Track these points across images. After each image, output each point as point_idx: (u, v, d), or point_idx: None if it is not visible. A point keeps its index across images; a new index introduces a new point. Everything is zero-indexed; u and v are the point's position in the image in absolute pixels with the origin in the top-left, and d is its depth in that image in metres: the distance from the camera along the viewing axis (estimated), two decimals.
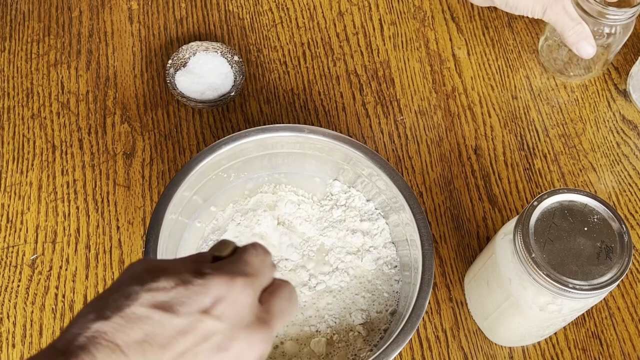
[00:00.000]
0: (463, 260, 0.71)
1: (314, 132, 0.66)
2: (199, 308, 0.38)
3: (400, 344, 0.57)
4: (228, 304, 0.38)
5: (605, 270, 0.54)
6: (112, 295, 0.38)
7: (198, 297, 0.38)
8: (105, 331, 0.36)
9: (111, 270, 0.69)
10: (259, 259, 0.42)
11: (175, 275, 0.39)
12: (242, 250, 0.42)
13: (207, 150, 0.64)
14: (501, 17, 0.86)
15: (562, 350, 0.67)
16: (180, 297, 0.38)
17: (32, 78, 0.79)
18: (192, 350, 0.37)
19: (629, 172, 0.76)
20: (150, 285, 0.38)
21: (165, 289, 0.38)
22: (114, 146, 0.75)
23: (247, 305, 0.39)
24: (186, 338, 0.37)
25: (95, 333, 0.36)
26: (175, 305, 0.37)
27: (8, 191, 0.72)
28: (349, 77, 0.81)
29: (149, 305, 0.37)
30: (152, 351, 0.36)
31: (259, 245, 0.43)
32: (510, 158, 0.77)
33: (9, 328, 0.66)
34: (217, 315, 0.38)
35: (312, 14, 0.85)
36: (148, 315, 0.37)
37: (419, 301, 0.58)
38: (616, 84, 0.82)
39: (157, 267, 0.40)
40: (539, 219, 0.55)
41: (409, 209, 0.63)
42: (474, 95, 0.80)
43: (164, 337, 0.37)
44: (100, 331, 0.36)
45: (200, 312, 0.38)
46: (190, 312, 0.37)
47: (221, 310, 0.38)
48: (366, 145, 0.66)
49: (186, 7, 0.85)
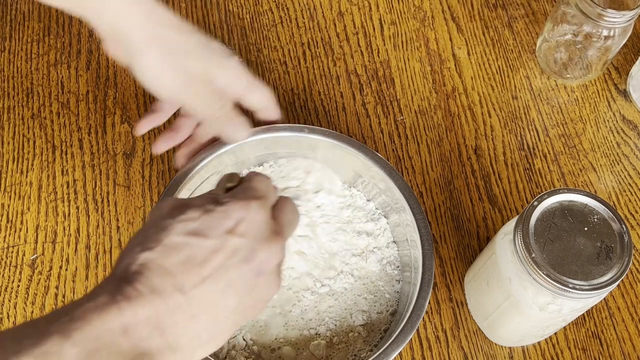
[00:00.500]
0: (463, 260, 0.71)
1: (313, 132, 0.66)
2: (225, 230, 0.45)
3: (400, 344, 0.57)
4: (247, 223, 0.45)
5: (605, 270, 0.54)
6: (149, 230, 0.45)
7: (222, 221, 0.45)
8: (152, 258, 0.42)
9: (111, 270, 0.69)
10: (264, 184, 0.49)
11: (199, 206, 0.46)
12: (248, 179, 0.49)
13: (207, 150, 0.64)
14: (501, 17, 0.86)
15: (562, 350, 0.67)
16: (208, 223, 0.45)
17: (32, 78, 0.79)
18: (224, 263, 0.44)
19: (629, 172, 0.76)
20: (180, 217, 0.45)
21: (194, 219, 0.45)
22: (114, 146, 0.75)
23: (263, 222, 0.47)
24: (218, 254, 0.44)
25: (144, 261, 0.42)
26: (204, 230, 0.44)
27: (8, 191, 0.72)
28: (349, 77, 0.81)
29: (183, 233, 0.44)
30: (193, 269, 0.43)
31: (260, 173, 0.51)
32: (511, 158, 0.77)
33: None
34: (240, 234, 0.45)
35: (312, 14, 0.85)
36: (185, 241, 0.44)
37: (419, 301, 0.58)
38: (616, 84, 0.82)
39: (182, 203, 0.46)
40: (539, 219, 0.55)
41: (409, 209, 0.63)
42: (474, 95, 0.80)
43: (201, 256, 0.43)
44: (148, 259, 0.42)
45: (226, 233, 0.45)
46: (218, 234, 0.44)
47: (243, 229, 0.45)
48: (366, 145, 0.66)
49: (186, 7, 0.85)
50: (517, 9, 0.87)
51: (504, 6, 0.87)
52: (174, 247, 0.43)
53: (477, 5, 0.86)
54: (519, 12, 0.86)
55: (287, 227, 0.49)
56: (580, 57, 0.79)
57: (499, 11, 0.86)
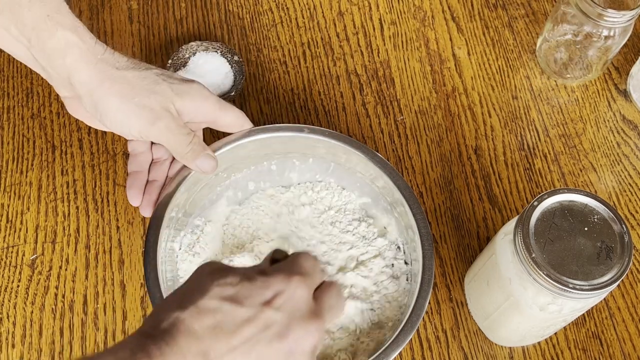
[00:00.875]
0: (463, 260, 0.71)
1: (313, 132, 0.66)
2: (261, 300, 0.44)
3: (400, 344, 0.57)
4: (286, 297, 0.44)
5: (605, 270, 0.54)
6: (188, 289, 0.44)
7: (260, 290, 0.44)
8: (183, 319, 0.42)
9: (111, 270, 0.69)
10: (310, 263, 0.48)
11: (241, 273, 0.45)
12: (296, 255, 0.48)
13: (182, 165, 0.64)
14: (501, 17, 0.86)
15: (562, 350, 0.67)
16: (245, 291, 0.44)
17: (32, 78, 0.79)
18: (256, 336, 0.43)
19: (629, 172, 0.76)
20: (219, 281, 0.44)
21: (233, 284, 0.44)
22: (114, 146, 0.75)
23: (303, 299, 0.45)
24: (250, 326, 0.43)
25: (175, 320, 0.42)
26: (241, 297, 0.43)
27: (8, 191, 0.72)
28: (349, 77, 0.81)
29: (219, 297, 0.43)
30: (222, 336, 0.42)
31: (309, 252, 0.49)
32: (511, 158, 0.77)
33: (9, 328, 0.66)
34: (276, 307, 0.44)
35: (312, 13, 0.85)
36: (219, 306, 0.43)
37: (419, 301, 0.58)
38: (616, 83, 0.82)
39: (226, 267, 0.46)
40: (539, 219, 0.55)
41: (409, 210, 0.62)
42: (474, 95, 0.80)
43: (232, 324, 0.42)
44: (179, 318, 0.42)
45: (263, 304, 0.43)
46: (254, 304, 0.43)
47: (280, 303, 0.44)
48: (366, 145, 0.66)
49: (186, 7, 0.85)
50: (517, 9, 0.87)
51: (504, 6, 0.87)
52: (207, 310, 0.42)
53: (477, 5, 0.86)
54: (519, 12, 0.86)
55: (328, 311, 0.47)
56: (580, 57, 0.79)
57: (499, 11, 0.86)
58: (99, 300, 0.67)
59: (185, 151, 0.60)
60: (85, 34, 0.58)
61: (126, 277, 0.69)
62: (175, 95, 0.60)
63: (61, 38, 0.57)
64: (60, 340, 0.66)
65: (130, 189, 0.63)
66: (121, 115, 0.58)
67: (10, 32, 0.56)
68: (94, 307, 0.67)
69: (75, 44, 0.57)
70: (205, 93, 0.62)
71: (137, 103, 0.58)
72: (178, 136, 0.60)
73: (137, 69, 0.60)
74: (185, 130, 0.60)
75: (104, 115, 0.59)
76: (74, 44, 0.57)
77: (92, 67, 0.58)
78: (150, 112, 0.58)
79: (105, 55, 0.59)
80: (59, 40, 0.56)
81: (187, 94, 0.60)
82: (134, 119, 0.58)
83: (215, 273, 0.45)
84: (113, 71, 0.58)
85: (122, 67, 0.59)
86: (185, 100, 0.60)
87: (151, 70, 0.60)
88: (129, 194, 0.63)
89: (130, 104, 0.58)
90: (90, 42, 0.58)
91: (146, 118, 0.58)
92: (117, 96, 0.58)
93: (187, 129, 0.61)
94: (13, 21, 0.56)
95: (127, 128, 0.59)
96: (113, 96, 0.58)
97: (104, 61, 0.58)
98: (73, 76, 0.58)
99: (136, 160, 0.64)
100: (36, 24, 0.56)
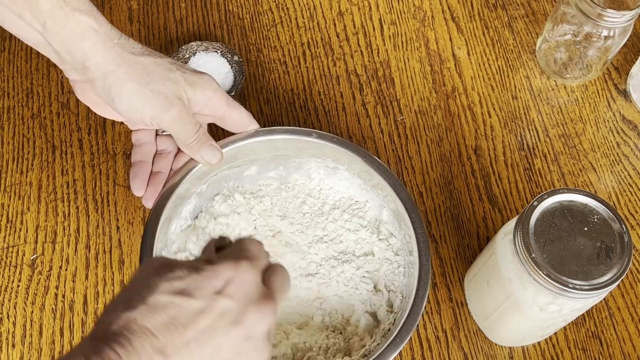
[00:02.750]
0: (463, 260, 0.71)
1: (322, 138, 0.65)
2: (213, 290, 0.43)
3: (400, 343, 0.57)
4: (237, 284, 0.44)
5: (605, 270, 0.54)
6: (134, 288, 0.43)
7: (210, 280, 0.43)
8: (134, 318, 0.40)
9: (111, 270, 0.69)
10: (255, 246, 0.47)
11: (188, 265, 0.44)
12: (240, 241, 0.48)
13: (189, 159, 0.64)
14: (501, 17, 0.86)
15: (562, 350, 0.67)
16: (195, 282, 0.43)
17: (32, 78, 0.79)
18: (211, 326, 0.42)
19: (629, 172, 0.76)
20: (167, 275, 0.43)
21: (181, 277, 0.43)
22: (114, 146, 0.75)
23: (253, 284, 0.45)
24: (205, 316, 0.42)
25: (126, 321, 0.40)
26: (191, 289, 0.42)
27: (8, 191, 0.72)
28: (349, 77, 0.81)
29: (169, 292, 0.42)
30: (177, 330, 0.41)
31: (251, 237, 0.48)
32: (510, 158, 0.77)
33: (9, 328, 0.66)
34: (229, 295, 0.43)
35: (312, 13, 0.85)
36: (170, 301, 0.42)
37: (416, 302, 0.58)
38: (616, 84, 0.82)
39: (170, 262, 0.45)
40: (539, 219, 0.55)
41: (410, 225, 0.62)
42: (474, 95, 0.80)
43: (186, 317, 0.41)
44: (130, 319, 0.40)
45: (214, 293, 0.43)
46: (206, 294, 0.42)
47: (232, 290, 0.43)
48: (365, 149, 0.66)
49: (186, 7, 0.85)
50: (517, 9, 0.87)
51: (504, 6, 0.87)
52: (158, 306, 0.41)
53: (477, 5, 0.86)
54: (519, 12, 0.86)
55: (278, 292, 0.47)
56: (580, 57, 0.79)
57: (499, 11, 0.86)
58: (99, 300, 0.67)
59: (191, 140, 0.61)
60: (101, 18, 0.59)
61: (126, 277, 0.69)
62: (187, 84, 0.60)
63: (78, 22, 0.57)
64: (60, 340, 0.66)
65: (135, 179, 0.63)
66: (136, 100, 0.59)
67: (24, 18, 0.57)
68: (94, 307, 0.67)
69: (92, 27, 0.58)
70: (214, 86, 0.62)
71: (152, 89, 0.59)
72: (187, 125, 0.60)
73: (152, 55, 0.60)
74: (193, 119, 0.61)
75: (117, 100, 0.59)
76: (91, 28, 0.57)
77: (109, 51, 0.58)
78: (165, 99, 0.59)
79: (120, 40, 0.59)
80: (76, 24, 0.57)
81: (198, 85, 0.61)
82: (148, 105, 0.59)
83: (162, 268, 0.44)
84: (129, 56, 0.59)
85: (138, 53, 0.60)
86: (197, 91, 0.61)
87: (165, 59, 0.61)
88: (132, 184, 0.63)
89: (145, 89, 0.58)
90: (106, 26, 0.59)
91: (160, 104, 0.59)
92: (133, 81, 0.58)
93: (195, 119, 0.61)
94: (27, 7, 0.56)
95: (139, 113, 0.59)
96: (129, 80, 0.58)
97: (120, 46, 0.59)
98: (89, 59, 0.58)
99: (140, 151, 0.65)
100: (52, 9, 0.56)
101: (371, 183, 0.66)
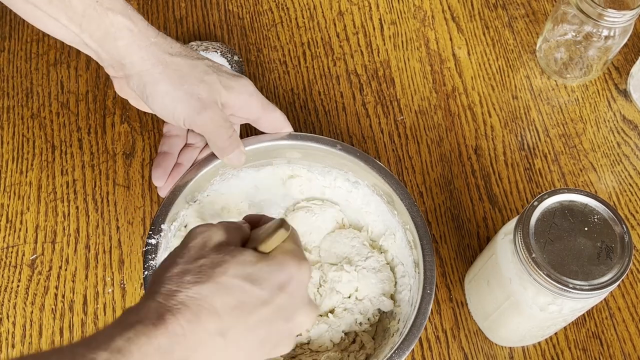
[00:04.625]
0: (463, 260, 0.71)
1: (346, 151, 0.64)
2: (277, 283, 0.45)
3: (405, 350, 0.55)
4: (297, 283, 0.46)
5: (605, 270, 0.54)
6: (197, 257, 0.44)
7: (277, 274, 0.45)
8: (205, 295, 0.42)
9: (111, 271, 0.69)
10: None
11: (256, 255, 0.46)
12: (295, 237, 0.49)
13: (210, 153, 0.64)
14: (501, 17, 0.86)
15: (563, 350, 0.67)
16: (262, 272, 0.45)
17: (32, 78, 0.79)
18: (269, 318, 0.44)
19: (630, 172, 0.76)
20: (238, 257, 0.44)
21: (252, 262, 0.45)
22: (114, 146, 0.75)
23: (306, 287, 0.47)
24: (267, 307, 0.44)
25: (196, 294, 0.42)
26: (259, 278, 0.44)
27: (8, 191, 0.72)
28: (349, 77, 0.81)
29: (239, 277, 0.44)
30: (242, 316, 0.43)
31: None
32: (511, 158, 0.77)
33: (9, 328, 0.66)
34: (289, 292, 0.45)
35: (312, 13, 0.85)
36: (240, 285, 0.43)
37: (421, 310, 0.57)
38: (617, 83, 0.82)
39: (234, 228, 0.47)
40: (539, 219, 0.55)
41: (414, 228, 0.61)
42: (474, 95, 0.80)
43: (251, 305, 0.44)
44: (201, 294, 0.42)
45: (278, 288, 0.45)
46: (270, 286, 0.45)
47: (292, 288, 0.46)
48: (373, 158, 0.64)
49: (186, 6, 0.85)
50: (517, 8, 0.87)
51: (504, 6, 0.87)
52: (229, 288, 0.43)
53: (477, 5, 0.86)
54: (519, 12, 0.86)
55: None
56: (580, 57, 0.79)
57: (499, 11, 0.86)
58: (99, 300, 0.67)
59: (222, 145, 0.60)
60: (137, 16, 0.59)
61: (126, 277, 0.69)
62: (223, 88, 0.60)
63: (112, 22, 0.57)
64: (60, 340, 0.66)
65: (157, 169, 0.63)
66: (169, 100, 0.59)
67: (60, 21, 0.57)
68: (94, 307, 0.67)
69: (127, 26, 0.58)
70: (250, 90, 0.62)
71: (187, 90, 0.58)
72: (220, 129, 0.60)
73: (189, 57, 0.60)
74: (227, 124, 0.60)
75: (151, 98, 0.59)
76: (125, 27, 0.58)
77: (144, 50, 0.58)
78: (198, 101, 0.59)
79: (157, 39, 0.59)
80: (110, 24, 0.57)
81: (234, 89, 0.61)
82: (180, 106, 0.59)
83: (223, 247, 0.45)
84: (165, 56, 0.59)
85: (175, 54, 0.60)
86: (232, 95, 0.61)
87: (202, 60, 0.61)
88: (154, 173, 0.63)
89: (179, 90, 0.58)
90: (142, 25, 0.59)
91: (193, 106, 0.58)
92: (167, 81, 0.58)
93: (229, 123, 0.61)
94: (63, 10, 0.57)
95: (172, 114, 0.59)
96: (163, 80, 0.58)
97: (156, 45, 0.59)
98: (125, 58, 0.58)
99: (168, 142, 0.65)
100: (86, 11, 0.57)
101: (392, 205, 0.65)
